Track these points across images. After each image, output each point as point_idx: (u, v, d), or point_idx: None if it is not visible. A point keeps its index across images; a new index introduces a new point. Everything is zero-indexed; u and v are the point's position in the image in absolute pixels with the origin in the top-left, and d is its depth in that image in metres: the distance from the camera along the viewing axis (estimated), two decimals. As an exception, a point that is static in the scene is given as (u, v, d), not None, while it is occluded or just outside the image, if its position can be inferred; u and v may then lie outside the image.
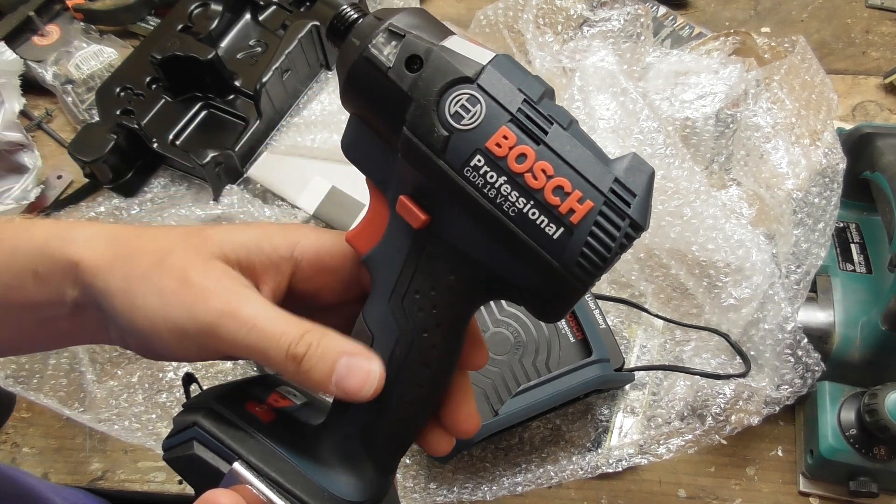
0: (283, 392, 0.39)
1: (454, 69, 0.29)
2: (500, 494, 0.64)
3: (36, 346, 0.39)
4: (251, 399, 0.37)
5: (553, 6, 0.85)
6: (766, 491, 0.65)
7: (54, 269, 0.34)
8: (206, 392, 0.38)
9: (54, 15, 0.91)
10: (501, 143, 0.29)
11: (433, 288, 0.32)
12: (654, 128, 0.71)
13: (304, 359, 0.31)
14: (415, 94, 0.29)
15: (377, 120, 0.31)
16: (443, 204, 0.30)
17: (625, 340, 0.71)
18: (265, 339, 0.32)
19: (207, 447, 0.34)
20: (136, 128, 0.77)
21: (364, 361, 0.32)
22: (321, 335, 0.32)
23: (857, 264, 0.68)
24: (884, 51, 0.90)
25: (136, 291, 0.32)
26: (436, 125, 0.29)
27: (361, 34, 0.31)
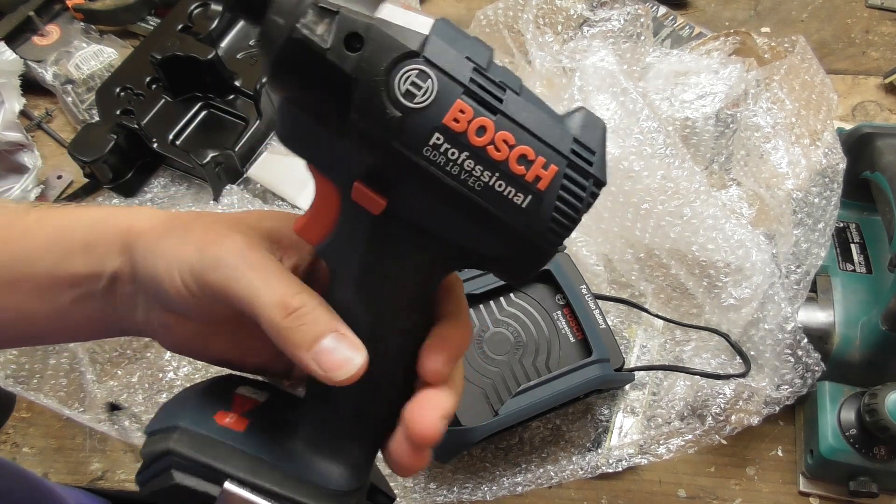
0: (245, 393, 0.36)
1: (398, 44, 0.27)
2: (500, 494, 0.64)
3: (67, 330, 0.38)
4: (218, 410, 0.35)
5: (553, 6, 0.85)
6: (766, 491, 0.65)
7: (105, 237, 0.35)
8: (166, 410, 0.35)
9: (54, 15, 0.91)
10: (459, 117, 0.27)
11: (401, 269, 0.32)
12: (654, 128, 0.71)
13: (294, 314, 0.30)
14: (359, 76, 0.27)
15: (316, 104, 0.28)
16: (402, 186, 0.29)
17: (625, 340, 0.71)
18: (263, 280, 0.31)
19: (189, 472, 0.32)
20: (136, 128, 0.77)
21: (350, 348, 0.31)
22: (320, 303, 0.31)
23: (857, 264, 0.68)
24: (884, 51, 0.90)
25: (167, 242, 0.33)
26: (387, 106, 0.27)
27: (284, 11, 0.27)
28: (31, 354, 0.70)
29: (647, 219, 0.69)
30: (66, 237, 0.36)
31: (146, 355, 0.71)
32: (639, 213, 0.69)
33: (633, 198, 0.69)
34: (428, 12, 0.92)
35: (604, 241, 0.73)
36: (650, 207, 0.69)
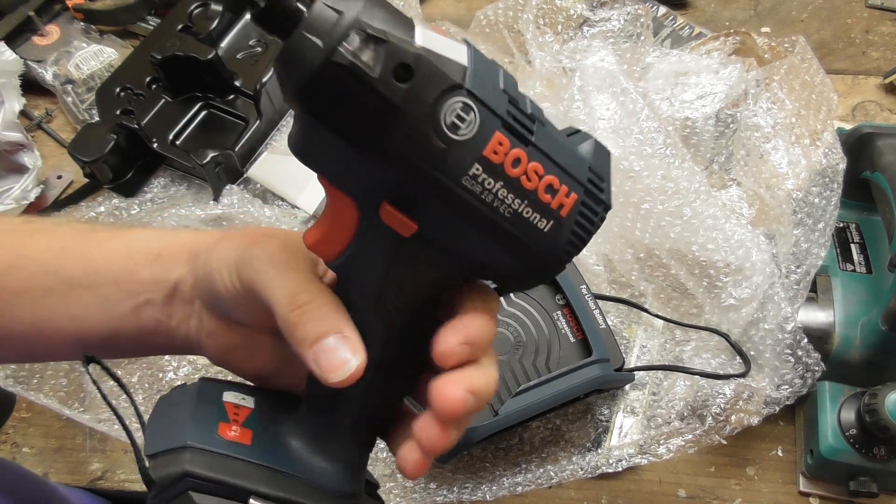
0: (234, 401, 0.36)
1: (444, 77, 0.27)
2: (500, 494, 0.64)
3: (117, 341, 0.38)
4: (217, 422, 0.34)
5: (553, 6, 0.85)
6: (766, 491, 0.65)
7: (173, 248, 0.38)
8: (163, 427, 0.34)
9: (54, 15, 0.91)
10: (497, 149, 0.28)
11: (417, 285, 0.32)
12: (654, 128, 0.71)
13: (301, 309, 0.31)
14: (407, 108, 0.27)
15: (348, 126, 0.28)
16: (435, 211, 0.29)
17: (625, 340, 0.71)
18: (281, 276, 0.32)
19: (209, 493, 0.32)
20: (136, 128, 0.77)
21: (349, 351, 0.31)
22: (330, 303, 0.32)
23: (857, 264, 0.68)
24: (884, 51, 0.90)
25: (223, 242, 0.36)
26: (432, 138, 0.27)
27: (321, 31, 0.26)
28: (31, 354, 0.70)
29: (647, 219, 0.69)
30: (134, 250, 0.38)
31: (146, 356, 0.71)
32: (639, 213, 0.69)
33: (633, 198, 0.69)
34: (428, 13, 0.92)
35: (604, 241, 0.73)
36: (650, 207, 0.69)
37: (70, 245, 0.38)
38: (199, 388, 0.36)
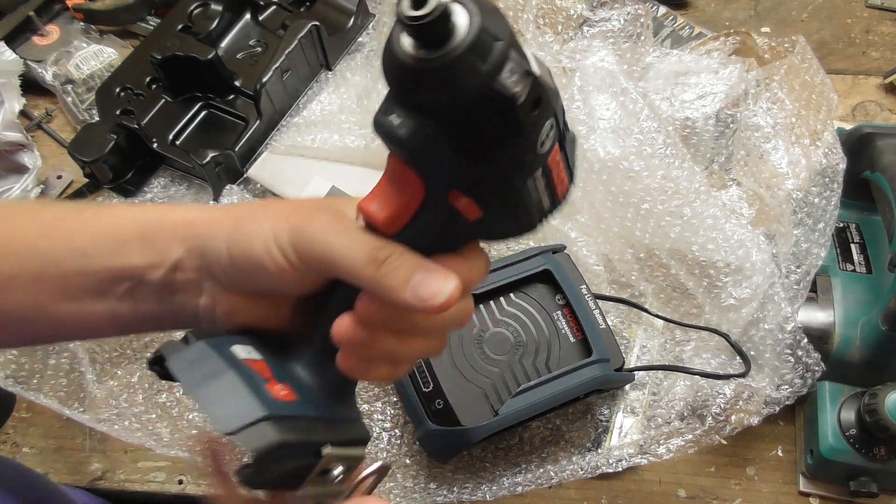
0: (250, 356, 0.37)
1: (552, 107, 0.30)
2: (500, 494, 0.64)
3: (111, 324, 0.39)
4: (262, 384, 0.36)
5: (553, 6, 0.85)
6: (766, 491, 0.65)
7: (163, 229, 0.37)
8: (227, 399, 0.34)
9: (54, 15, 0.91)
10: (555, 158, 0.32)
11: (444, 248, 0.35)
12: (654, 128, 0.71)
13: (385, 263, 0.33)
14: (529, 131, 0.29)
15: (469, 138, 0.29)
16: (499, 202, 0.32)
17: (625, 340, 0.71)
18: (351, 242, 0.34)
19: (295, 455, 0.35)
20: (136, 128, 0.77)
21: (440, 276, 0.33)
22: (398, 248, 0.34)
23: (857, 264, 0.68)
24: (884, 51, 0.90)
25: (251, 223, 0.36)
26: (531, 154, 0.30)
27: (487, 55, 0.27)
28: (31, 354, 0.70)
29: (647, 219, 0.69)
30: (121, 230, 0.37)
31: (146, 355, 0.71)
32: (639, 213, 0.69)
33: (633, 198, 0.69)
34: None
35: (604, 241, 0.73)
36: (650, 207, 0.69)
37: (56, 228, 0.38)
38: (209, 345, 0.36)
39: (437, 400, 0.61)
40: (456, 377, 0.62)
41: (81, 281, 0.37)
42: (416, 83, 0.28)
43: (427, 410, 0.60)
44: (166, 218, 0.38)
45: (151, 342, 0.72)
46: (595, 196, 0.72)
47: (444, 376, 0.62)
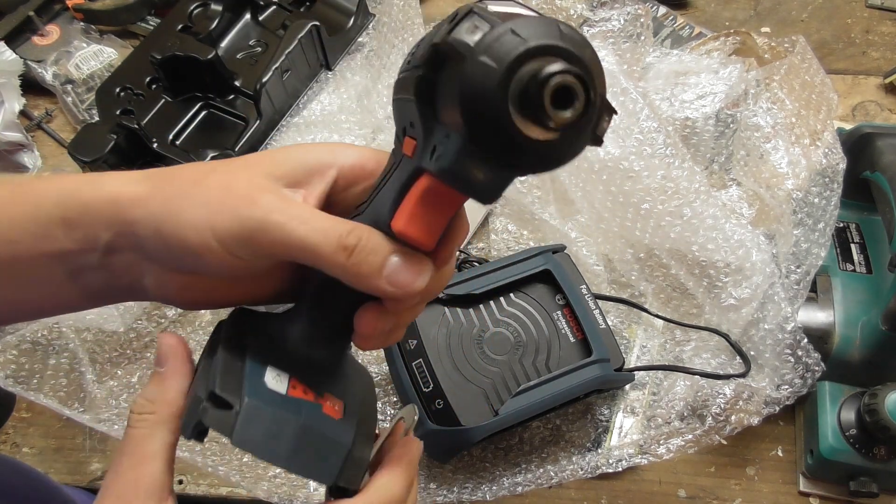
0: (282, 381, 0.36)
1: None
2: (500, 494, 0.64)
3: (67, 304, 0.38)
4: (319, 408, 0.36)
5: (553, 6, 0.85)
6: (766, 491, 0.65)
7: (87, 212, 0.34)
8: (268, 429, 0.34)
9: (54, 15, 0.91)
10: None
11: None
12: (654, 128, 0.71)
13: (356, 251, 0.32)
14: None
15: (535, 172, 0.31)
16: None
17: (625, 340, 0.71)
18: (316, 231, 0.32)
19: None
20: (136, 128, 0.77)
21: (413, 261, 0.33)
22: (369, 231, 0.33)
23: (857, 264, 0.68)
24: (884, 51, 0.90)
25: (181, 209, 0.33)
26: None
27: (596, 124, 0.29)
28: (31, 354, 0.70)
29: (647, 219, 0.69)
30: (40, 213, 0.35)
31: (146, 355, 0.71)
32: (639, 213, 0.69)
33: (633, 198, 0.69)
34: (428, 13, 0.92)
35: (604, 241, 0.73)
36: (650, 207, 0.69)
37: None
38: (258, 402, 0.34)
39: (437, 400, 0.61)
40: (456, 377, 0.62)
41: (18, 268, 0.35)
42: (527, 154, 0.27)
43: (427, 410, 0.60)
44: (86, 197, 0.34)
45: (151, 342, 0.72)
46: (595, 196, 0.72)
47: (444, 376, 0.62)
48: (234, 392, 0.33)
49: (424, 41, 0.30)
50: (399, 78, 0.32)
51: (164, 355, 0.37)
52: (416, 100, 0.29)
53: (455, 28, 0.27)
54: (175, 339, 0.37)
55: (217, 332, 0.38)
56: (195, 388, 0.35)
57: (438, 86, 0.29)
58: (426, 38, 0.30)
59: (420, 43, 0.31)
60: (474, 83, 0.26)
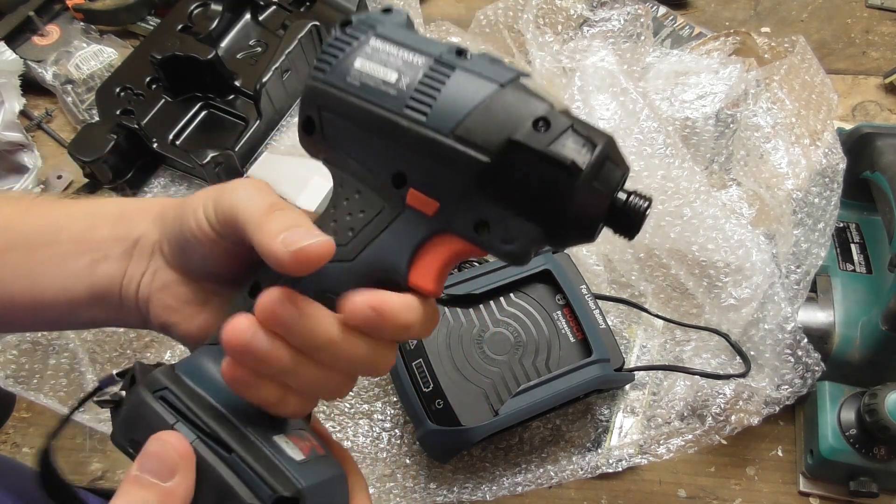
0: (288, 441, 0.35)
1: None
2: (500, 494, 0.64)
3: (69, 300, 0.38)
4: (295, 447, 0.35)
5: (553, 6, 0.85)
6: (766, 491, 0.65)
7: (136, 212, 0.39)
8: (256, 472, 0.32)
9: (54, 15, 0.91)
10: None
11: None
12: (654, 128, 0.71)
13: (274, 212, 0.32)
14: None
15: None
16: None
17: (625, 340, 0.71)
18: (259, 196, 0.34)
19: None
20: (136, 128, 0.77)
21: (318, 234, 0.31)
22: (301, 213, 0.34)
23: (857, 264, 0.68)
24: (884, 51, 0.90)
25: (192, 197, 0.37)
26: None
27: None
28: (31, 354, 0.70)
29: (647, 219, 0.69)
30: (98, 211, 0.39)
31: (146, 355, 0.71)
32: (639, 213, 0.69)
33: (633, 198, 0.69)
34: (428, 13, 0.92)
35: (604, 241, 0.73)
36: (650, 207, 0.69)
37: (34, 208, 0.39)
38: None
39: (437, 400, 0.61)
40: (456, 377, 0.62)
41: (46, 254, 0.38)
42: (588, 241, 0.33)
43: (427, 410, 0.60)
44: (144, 203, 0.40)
45: (152, 342, 0.72)
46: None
47: (444, 376, 0.62)
48: (287, 483, 0.31)
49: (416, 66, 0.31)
50: (417, 132, 0.31)
51: (171, 467, 0.30)
52: (475, 182, 0.31)
53: (556, 142, 0.30)
54: (185, 445, 0.31)
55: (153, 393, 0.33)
56: (220, 482, 0.31)
57: (504, 174, 0.31)
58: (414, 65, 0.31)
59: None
60: (582, 202, 0.30)
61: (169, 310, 0.38)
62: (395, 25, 0.33)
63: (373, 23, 0.33)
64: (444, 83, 0.31)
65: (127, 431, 0.33)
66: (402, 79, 0.31)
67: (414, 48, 0.32)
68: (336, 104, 0.33)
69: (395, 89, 0.31)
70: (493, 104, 0.30)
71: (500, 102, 0.30)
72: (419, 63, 0.32)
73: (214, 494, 0.31)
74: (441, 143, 0.31)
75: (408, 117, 0.31)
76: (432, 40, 0.33)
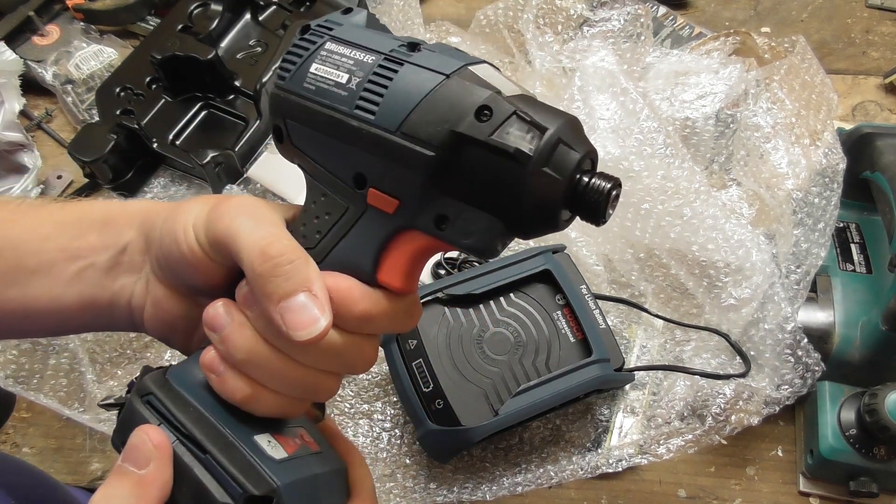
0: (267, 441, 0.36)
1: None
2: (500, 494, 0.64)
3: (59, 307, 0.38)
4: (279, 445, 0.35)
5: (553, 6, 0.85)
6: (766, 491, 0.65)
7: (122, 217, 0.38)
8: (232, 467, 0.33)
9: (54, 15, 0.91)
10: None
11: None
12: (654, 128, 0.71)
13: (272, 262, 0.31)
14: None
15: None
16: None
17: (625, 340, 0.71)
18: (252, 226, 0.32)
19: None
20: (136, 128, 0.77)
21: (317, 309, 0.31)
22: (301, 257, 0.32)
23: (857, 264, 0.68)
24: (884, 51, 0.90)
25: (186, 205, 0.36)
26: None
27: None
28: (31, 354, 0.70)
29: (647, 219, 0.69)
30: (84, 217, 0.38)
31: (146, 355, 0.71)
32: (639, 213, 0.69)
33: (633, 198, 0.69)
34: (427, 12, 0.92)
35: (604, 241, 0.73)
36: (650, 207, 0.69)
37: (20, 215, 0.39)
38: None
39: (437, 400, 0.61)
40: (456, 377, 0.62)
41: (34, 262, 0.37)
42: (553, 231, 0.33)
43: (427, 410, 0.60)
44: (129, 206, 0.39)
45: (152, 342, 0.72)
46: (595, 196, 0.72)
47: (444, 376, 0.62)
48: (260, 482, 0.32)
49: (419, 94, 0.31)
50: (367, 131, 0.31)
51: (147, 456, 0.31)
52: (426, 177, 0.30)
53: (499, 130, 0.29)
54: (162, 438, 0.32)
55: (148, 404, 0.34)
56: (195, 483, 0.32)
57: (454, 168, 0.30)
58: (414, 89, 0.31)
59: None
60: (534, 190, 0.29)
61: (163, 324, 0.38)
62: (353, 27, 0.33)
63: (331, 26, 0.33)
64: (392, 79, 0.31)
65: (121, 434, 0.33)
66: (352, 79, 0.31)
67: (366, 48, 0.32)
68: (296, 110, 0.33)
69: (346, 90, 0.31)
70: (437, 96, 0.30)
71: (444, 94, 0.30)
72: (369, 62, 0.31)
73: (192, 494, 0.32)
74: (389, 140, 0.31)
75: (357, 117, 0.31)
76: (388, 37, 0.33)
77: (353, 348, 0.34)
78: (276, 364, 0.33)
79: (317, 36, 0.33)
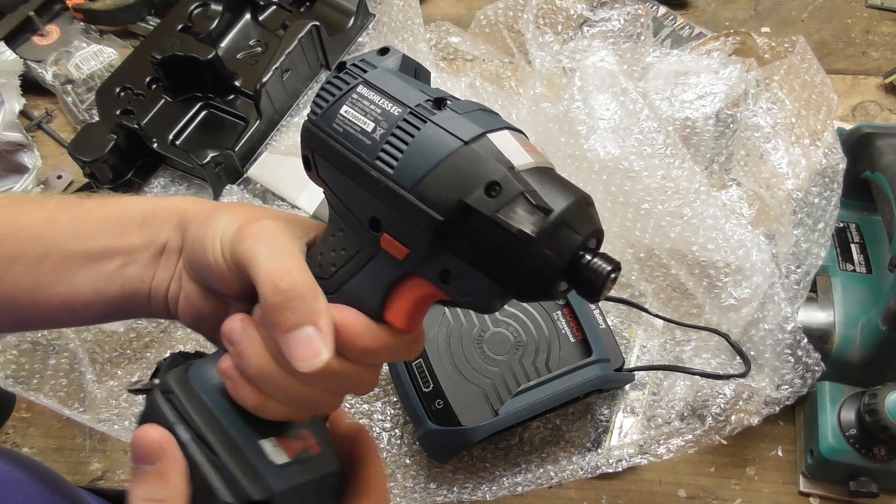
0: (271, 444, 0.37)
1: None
2: (500, 494, 0.64)
3: (101, 300, 0.40)
4: (282, 448, 0.37)
5: (553, 6, 0.85)
6: (766, 491, 0.65)
7: (160, 215, 0.40)
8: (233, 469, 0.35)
9: (54, 15, 0.91)
10: None
11: None
12: (654, 128, 0.71)
13: (283, 295, 0.32)
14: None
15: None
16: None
17: (625, 340, 0.71)
18: (270, 257, 0.34)
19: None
20: (136, 128, 0.77)
21: (320, 343, 0.32)
22: (311, 292, 0.33)
23: (857, 264, 0.68)
24: (884, 51, 0.90)
25: (218, 216, 0.38)
26: None
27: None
28: (31, 354, 0.70)
29: (647, 219, 0.69)
30: (124, 216, 0.40)
31: (146, 355, 0.71)
32: (639, 213, 0.69)
33: (633, 198, 0.69)
34: (428, 12, 0.92)
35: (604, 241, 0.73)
36: (650, 207, 0.69)
37: (61, 214, 0.40)
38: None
39: (437, 400, 0.61)
40: (456, 377, 0.62)
41: (80, 261, 0.39)
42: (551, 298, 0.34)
43: (427, 410, 0.60)
44: (167, 203, 0.41)
45: (151, 342, 0.72)
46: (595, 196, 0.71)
47: (444, 376, 0.62)
48: (259, 488, 0.34)
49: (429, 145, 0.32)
50: (385, 184, 0.32)
51: (154, 452, 0.33)
52: (433, 237, 0.31)
53: (505, 208, 0.30)
54: (161, 433, 0.34)
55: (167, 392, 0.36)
56: (204, 482, 0.34)
57: (461, 232, 0.31)
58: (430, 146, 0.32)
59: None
60: (534, 266, 0.31)
61: (194, 318, 0.40)
62: (385, 72, 0.34)
63: (366, 68, 0.35)
64: (414, 136, 0.32)
65: (143, 423, 0.36)
66: (377, 129, 0.33)
67: (394, 98, 0.33)
68: (324, 148, 0.34)
69: (370, 139, 0.33)
70: (452, 163, 0.31)
71: (459, 162, 0.31)
72: (395, 114, 0.32)
73: (200, 490, 0.34)
74: (404, 196, 0.32)
75: (377, 168, 0.32)
76: (418, 88, 0.34)
77: (354, 376, 0.35)
78: (283, 382, 0.34)
79: (351, 77, 0.34)
